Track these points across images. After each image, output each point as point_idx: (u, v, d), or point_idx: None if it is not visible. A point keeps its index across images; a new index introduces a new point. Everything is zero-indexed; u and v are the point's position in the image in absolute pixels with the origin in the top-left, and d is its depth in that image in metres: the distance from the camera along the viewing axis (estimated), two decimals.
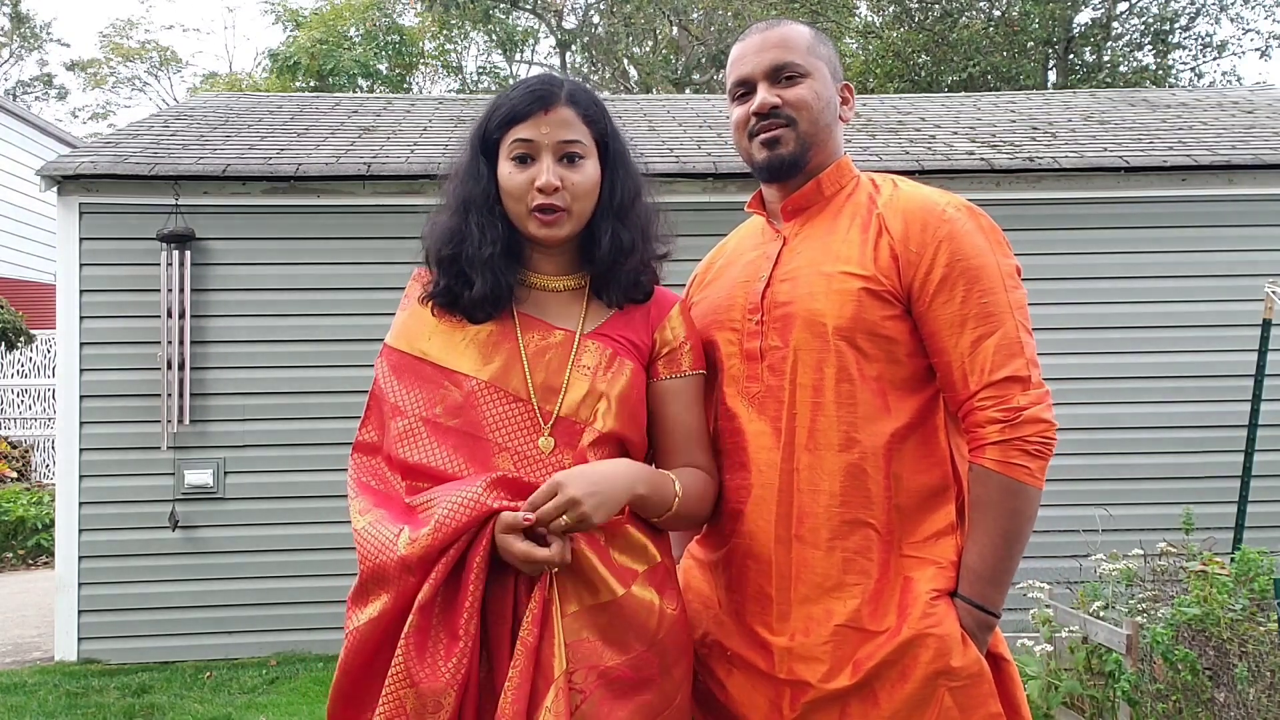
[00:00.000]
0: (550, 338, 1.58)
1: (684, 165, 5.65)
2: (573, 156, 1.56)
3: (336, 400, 5.38)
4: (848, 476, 1.58)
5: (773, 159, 1.68)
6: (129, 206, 5.46)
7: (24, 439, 10.58)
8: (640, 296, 1.64)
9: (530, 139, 1.55)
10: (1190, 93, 8.41)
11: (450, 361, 1.57)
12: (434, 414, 1.54)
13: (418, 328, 1.61)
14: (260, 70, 22.15)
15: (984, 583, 1.55)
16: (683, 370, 1.65)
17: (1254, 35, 22.65)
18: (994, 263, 1.58)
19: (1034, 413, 1.52)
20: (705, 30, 19.54)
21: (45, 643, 5.63)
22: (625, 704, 1.49)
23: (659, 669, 1.54)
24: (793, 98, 1.66)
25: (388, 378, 1.61)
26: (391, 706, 1.41)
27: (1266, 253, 5.61)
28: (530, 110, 1.55)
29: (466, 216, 1.58)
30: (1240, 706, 3.37)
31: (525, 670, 1.41)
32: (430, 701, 1.40)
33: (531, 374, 1.55)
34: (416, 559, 1.42)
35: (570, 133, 1.56)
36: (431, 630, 1.43)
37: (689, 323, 1.69)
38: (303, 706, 4.54)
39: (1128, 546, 4.33)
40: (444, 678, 1.40)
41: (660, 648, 1.54)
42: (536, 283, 1.63)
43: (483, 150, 1.61)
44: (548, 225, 1.56)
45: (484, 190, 1.59)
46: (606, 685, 1.48)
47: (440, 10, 20.01)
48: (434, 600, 1.43)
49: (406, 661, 1.41)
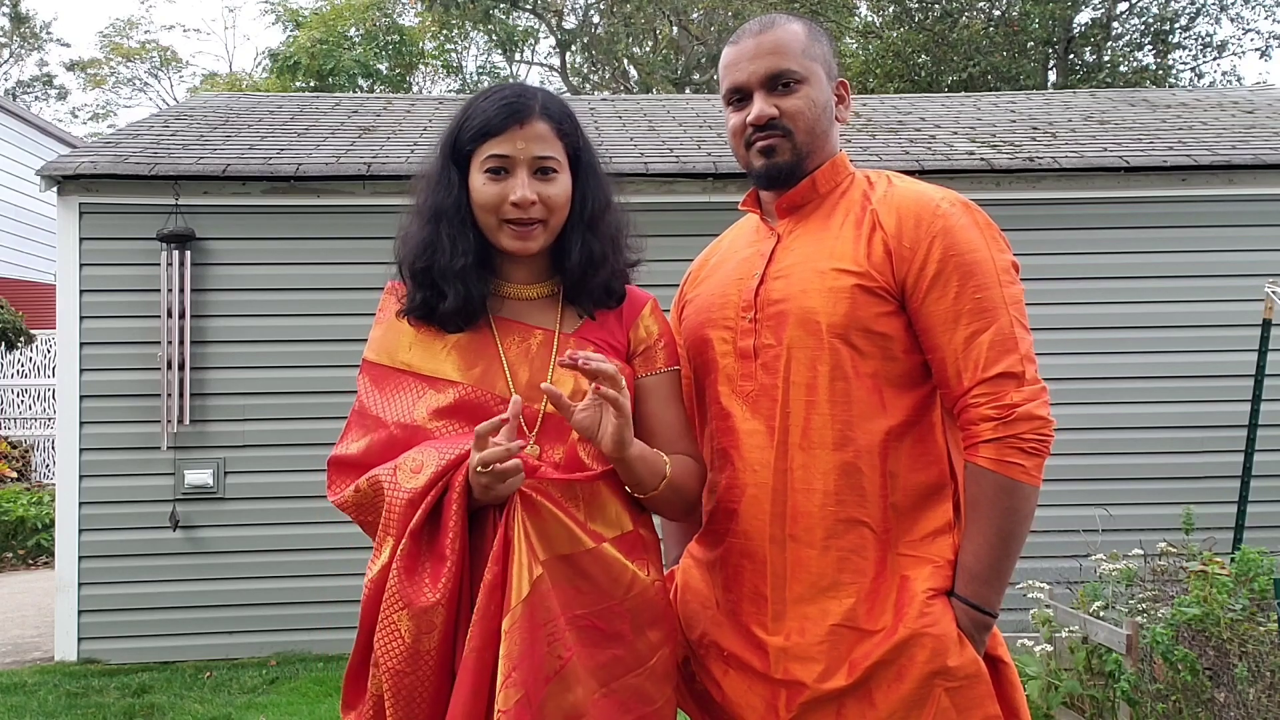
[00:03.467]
0: (531, 338, 1.60)
1: (684, 165, 5.65)
2: (546, 170, 1.57)
3: (337, 400, 5.37)
4: (842, 475, 1.57)
5: (770, 168, 1.68)
6: (129, 206, 5.46)
7: (24, 439, 10.58)
8: (612, 303, 1.66)
9: (506, 154, 1.55)
10: (1190, 93, 8.41)
11: (433, 369, 1.57)
12: (414, 419, 1.55)
13: (396, 340, 1.62)
14: (260, 70, 22.16)
15: (980, 583, 1.54)
16: (658, 368, 1.66)
17: (1254, 35, 22.62)
18: (989, 258, 1.57)
19: (1028, 409, 1.51)
20: (705, 30, 19.54)
21: (45, 643, 5.63)
22: (597, 653, 1.50)
23: (630, 627, 1.54)
24: (789, 108, 1.65)
25: (369, 391, 1.61)
26: (387, 634, 1.44)
27: (1266, 253, 5.61)
28: (505, 125, 1.55)
29: (438, 227, 1.58)
30: (1240, 706, 3.37)
31: (484, 608, 1.43)
32: (423, 621, 1.42)
33: (514, 375, 1.56)
34: (420, 490, 1.45)
35: (545, 148, 1.56)
36: (420, 554, 1.46)
37: (661, 319, 1.71)
38: (303, 706, 4.53)
39: (1128, 546, 4.33)
40: (432, 596, 1.42)
41: (631, 604, 1.54)
42: (510, 292, 1.64)
43: (454, 160, 1.60)
44: (521, 238, 1.57)
45: (455, 201, 1.58)
46: (577, 632, 1.49)
47: (440, 10, 20.02)
48: (423, 526, 1.46)
49: (399, 585, 1.43)
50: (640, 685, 1.54)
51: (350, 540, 5.09)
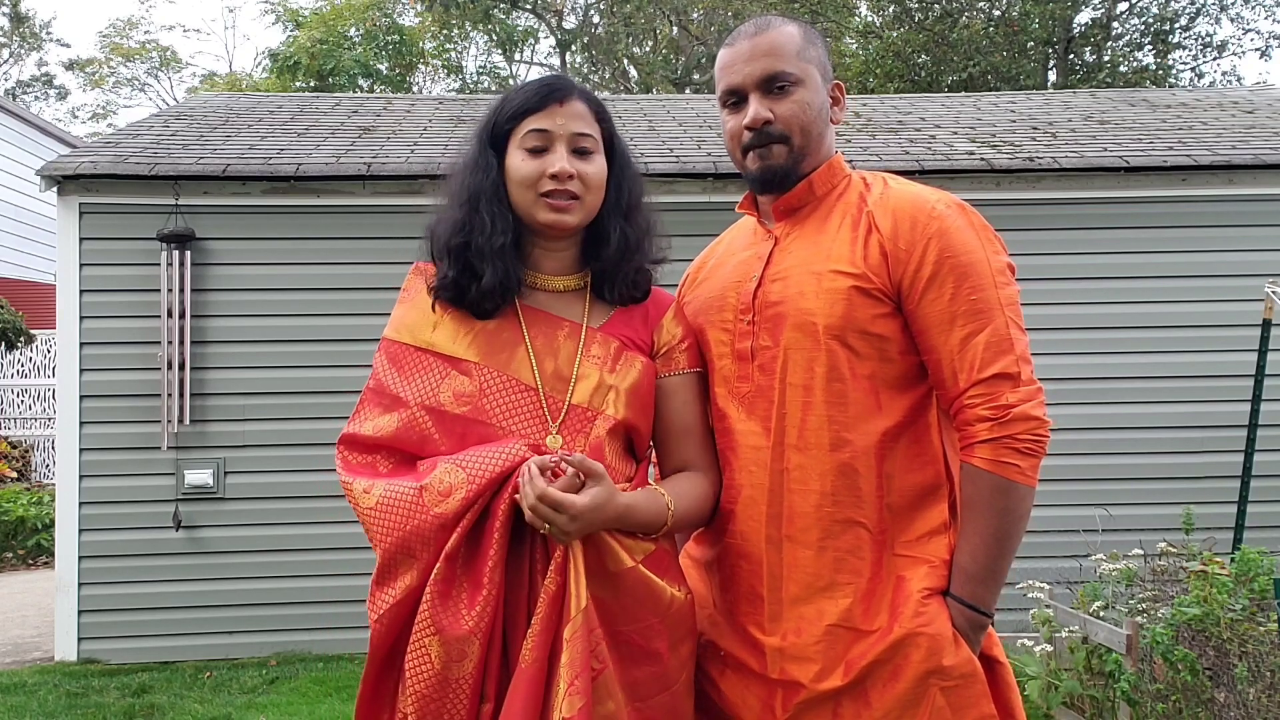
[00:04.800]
0: (558, 329, 1.60)
1: (684, 165, 5.65)
2: (584, 150, 1.59)
3: (336, 400, 5.37)
4: (839, 476, 1.57)
5: (765, 170, 1.68)
6: (129, 206, 5.46)
7: (24, 439, 10.58)
8: (639, 295, 1.67)
9: (545, 129, 1.57)
10: (1190, 93, 8.41)
11: (457, 351, 1.56)
12: (439, 402, 1.54)
13: (420, 320, 1.60)
14: (260, 70, 22.15)
15: (976, 583, 1.54)
16: (680, 368, 1.67)
17: (1254, 35, 22.57)
18: (984, 259, 1.57)
19: (1023, 410, 1.51)
20: (705, 30, 19.54)
21: (45, 643, 5.63)
22: (633, 670, 1.50)
23: (668, 644, 1.55)
24: (784, 112, 1.65)
25: (387, 370, 1.59)
26: (417, 657, 1.42)
27: (1266, 253, 5.61)
28: (545, 102, 1.58)
29: (477, 207, 1.58)
30: (1240, 706, 3.37)
31: (546, 619, 1.42)
32: (454, 649, 1.40)
33: (540, 365, 1.56)
34: (453, 514, 1.43)
35: (584, 125, 1.59)
36: (456, 579, 1.43)
37: (684, 322, 1.72)
38: (303, 706, 4.54)
39: (1128, 546, 4.33)
40: (468, 624, 1.40)
41: (670, 621, 1.56)
42: (538, 283, 1.64)
43: (491, 143, 1.62)
44: (559, 210, 1.56)
45: (493, 182, 1.59)
46: (617, 648, 1.49)
47: (440, 10, 20.02)
48: (459, 550, 1.43)
49: (431, 610, 1.41)
50: (670, 703, 1.56)
51: (350, 540, 5.10)
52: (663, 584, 1.55)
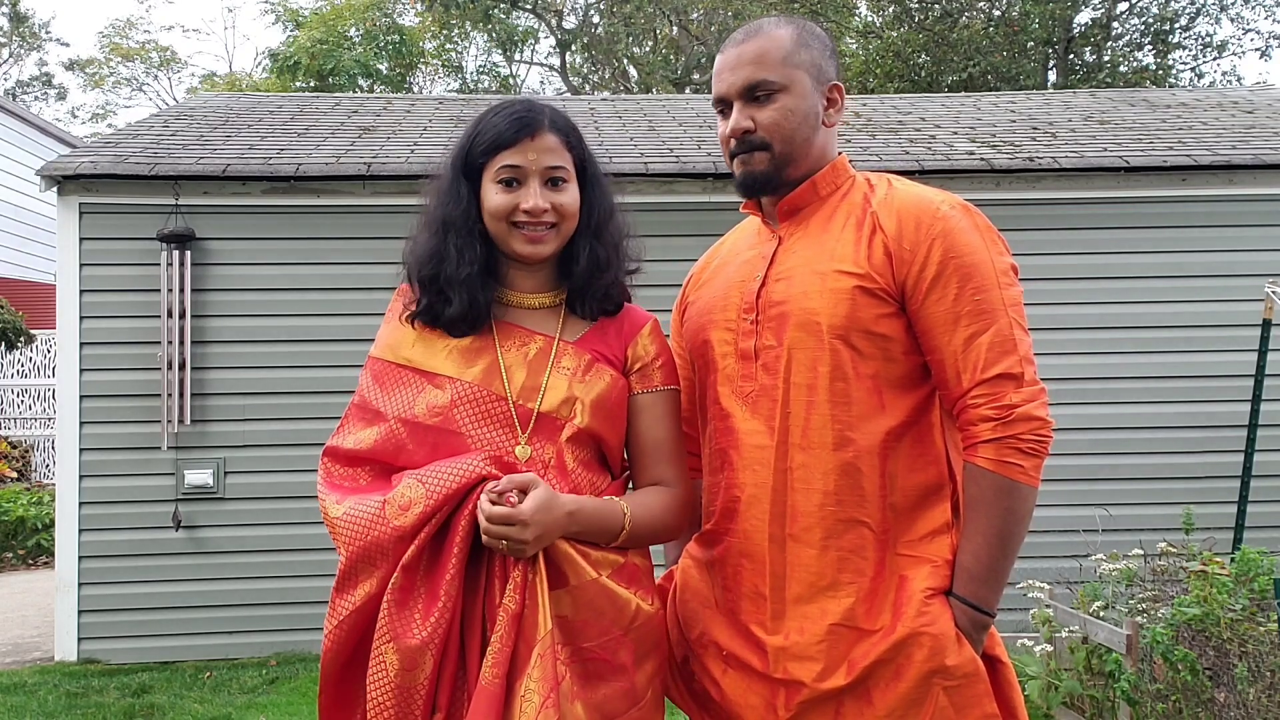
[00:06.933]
0: (530, 342, 1.64)
1: (684, 165, 5.65)
2: (557, 180, 1.63)
3: (337, 400, 5.35)
4: (842, 475, 1.58)
5: (746, 177, 1.70)
6: (129, 206, 5.46)
7: (24, 439, 10.58)
8: (611, 308, 1.71)
9: (518, 165, 1.61)
10: (1190, 93, 8.41)
11: (432, 366, 1.62)
12: (414, 414, 1.59)
13: (400, 339, 1.67)
14: (260, 70, 22.16)
15: (978, 582, 1.55)
16: (655, 385, 1.70)
17: (1254, 35, 22.56)
18: (988, 260, 1.57)
19: (1027, 410, 1.51)
20: (705, 30, 19.54)
21: (45, 643, 5.63)
22: (599, 687, 1.52)
23: (633, 658, 1.57)
24: (766, 120, 1.66)
25: (371, 386, 1.66)
26: (376, 666, 1.46)
27: (1266, 253, 5.61)
28: (517, 137, 1.61)
29: (445, 237, 1.64)
30: (1240, 706, 3.37)
31: (507, 637, 1.45)
32: (408, 658, 1.44)
33: (510, 376, 1.60)
34: (410, 527, 1.47)
35: (555, 159, 1.63)
36: (414, 589, 1.47)
37: (661, 341, 1.74)
38: (303, 706, 4.54)
39: (1128, 546, 4.33)
40: (420, 636, 1.44)
41: (636, 635, 1.58)
42: (514, 300, 1.68)
43: (465, 173, 1.66)
44: (534, 243, 1.62)
45: (464, 212, 1.64)
46: (581, 664, 1.51)
47: (440, 10, 20.02)
48: (419, 561, 1.48)
49: (389, 618, 1.45)
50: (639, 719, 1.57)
51: None
52: (628, 595, 1.57)
